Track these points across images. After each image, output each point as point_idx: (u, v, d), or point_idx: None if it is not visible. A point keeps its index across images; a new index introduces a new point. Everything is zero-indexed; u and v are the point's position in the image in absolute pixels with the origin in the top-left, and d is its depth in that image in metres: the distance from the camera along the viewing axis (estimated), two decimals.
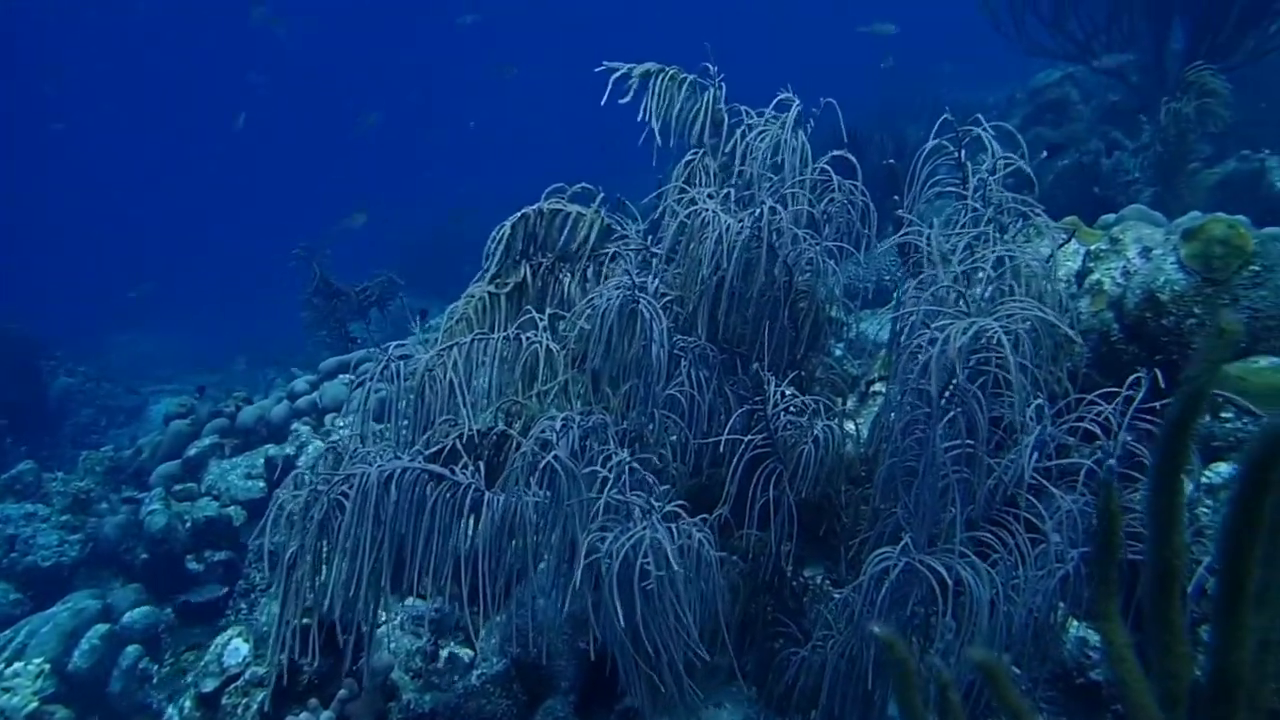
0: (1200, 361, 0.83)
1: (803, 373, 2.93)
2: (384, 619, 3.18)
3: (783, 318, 2.83)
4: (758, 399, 2.69)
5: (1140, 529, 1.97)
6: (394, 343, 2.74)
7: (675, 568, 2.03)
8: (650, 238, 3.07)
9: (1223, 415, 2.35)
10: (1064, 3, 5.39)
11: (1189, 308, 2.49)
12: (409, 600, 3.37)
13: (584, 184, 3.14)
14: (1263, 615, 1.00)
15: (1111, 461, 2.17)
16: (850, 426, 2.98)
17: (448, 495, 2.37)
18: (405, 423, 2.69)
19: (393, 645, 3.18)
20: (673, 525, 2.21)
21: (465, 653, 3.19)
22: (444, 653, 3.21)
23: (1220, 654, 0.97)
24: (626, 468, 2.28)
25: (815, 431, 2.61)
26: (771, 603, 2.68)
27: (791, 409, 2.64)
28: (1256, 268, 2.44)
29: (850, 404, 3.62)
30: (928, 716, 1.13)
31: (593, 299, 2.68)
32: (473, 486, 2.37)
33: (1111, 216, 4.04)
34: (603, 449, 2.40)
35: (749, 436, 2.58)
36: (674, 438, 2.78)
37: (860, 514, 2.74)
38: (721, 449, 2.68)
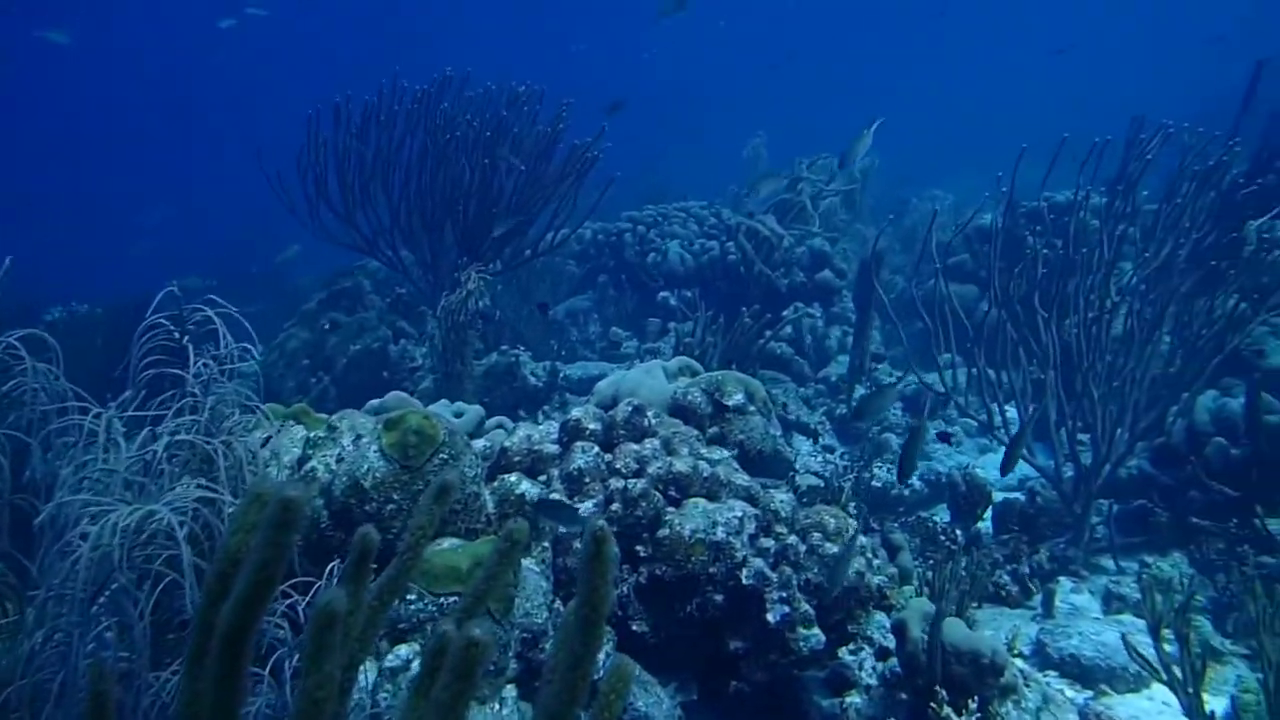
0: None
1: None
2: None
3: None
4: None
5: None
6: None
7: None
8: None
9: (408, 598, 2.45)
10: (353, 201, 5.80)
11: (389, 493, 2.61)
12: None
13: None
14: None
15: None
16: None
17: None
18: None
19: None
20: None
21: None
22: None
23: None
24: None
25: None
26: None
27: None
28: (445, 455, 2.68)
29: None
30: None
31: None
32: None
33: (375, 402, 4.26)
34: None
35: None
36: None
37: None
38: None
